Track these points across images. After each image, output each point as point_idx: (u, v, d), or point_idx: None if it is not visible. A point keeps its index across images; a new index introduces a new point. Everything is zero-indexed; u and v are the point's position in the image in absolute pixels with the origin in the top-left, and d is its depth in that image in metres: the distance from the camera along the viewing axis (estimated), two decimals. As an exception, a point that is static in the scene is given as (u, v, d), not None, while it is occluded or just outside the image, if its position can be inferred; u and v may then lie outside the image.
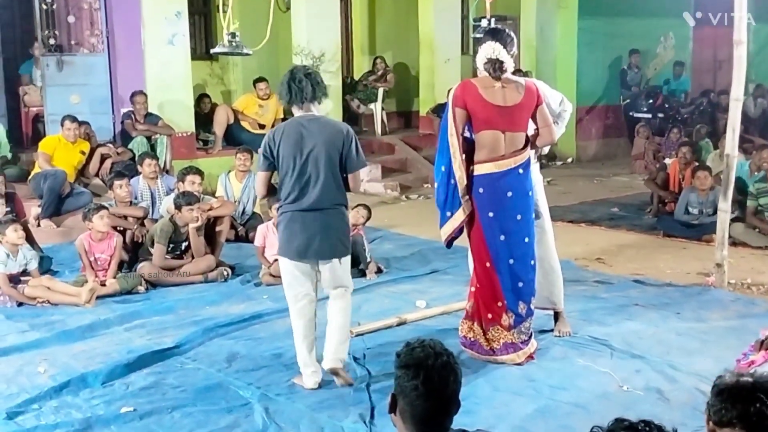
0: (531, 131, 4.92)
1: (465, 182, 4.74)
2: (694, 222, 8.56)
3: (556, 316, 5.46)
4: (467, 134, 4.81)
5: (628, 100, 14.66)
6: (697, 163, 9.51)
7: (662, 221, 9.02)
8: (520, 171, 4.77)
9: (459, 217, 4.82)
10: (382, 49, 14.20)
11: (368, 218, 7.43)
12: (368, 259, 7.15)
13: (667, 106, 14.23)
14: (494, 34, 4.81)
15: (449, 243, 4.99)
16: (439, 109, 13.12)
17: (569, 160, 14.05)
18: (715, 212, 8.38)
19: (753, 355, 3.93)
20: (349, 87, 13.15)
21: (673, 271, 7.15)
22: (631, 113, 14.43)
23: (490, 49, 4.73)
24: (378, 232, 8.77)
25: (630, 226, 9.18)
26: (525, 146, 4.82)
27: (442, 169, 4.82)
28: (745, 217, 8.23)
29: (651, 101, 14.21)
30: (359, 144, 4.64)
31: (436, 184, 4.96)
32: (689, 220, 8.62)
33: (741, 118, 14.11)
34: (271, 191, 4.84)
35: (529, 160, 4.85)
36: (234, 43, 6.43)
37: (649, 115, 13.97)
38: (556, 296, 5.36)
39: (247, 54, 6.66)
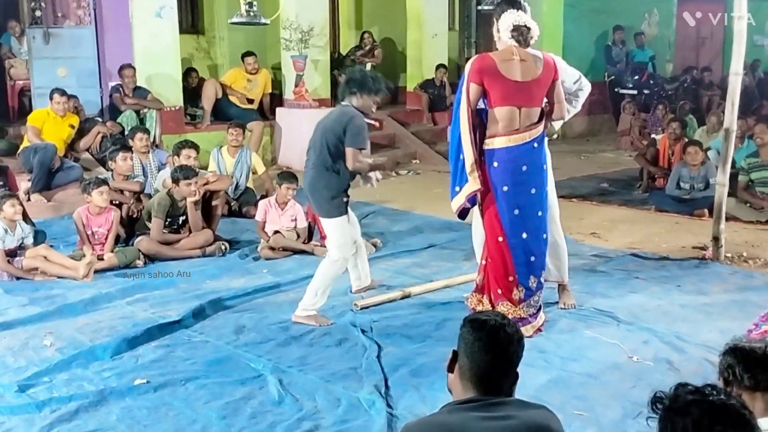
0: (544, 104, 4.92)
1: (473, 159, 4.71)
2: (686, 197, 8.65)
3: (561, 288, 5.49)
4: (481, 105, 4.79)
5: (613, 77, 14.72)
6: (686, 139, 9.60)
7: (653, 196, 9.10)
8: (535, 145, 4.76)
9: (465, 191, 4.80)
10: (369, 24, 14.15)
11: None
12: None
13: (651, 82, 14.31)
14: (512, 3, 4.77)
15: (462, 215, 4.99)
16: (427, 85, 13.12)
17: (555, 136, 13.88)
18: (706, 187, 8.51)
19: (766, 325, 3.98)
20: (337, 62, 13.08)
21: (668, 245, 7.22)
22: (616, 89, 14.50)
23: (514, 17, 4.69)
24: (371, 207, 8.76)
25: (621, 201, 9.26)
26: (540, 120, 4.81)
27: (455, 143, 4.79)
28: (736, 191, 8.31)
29: (636, 77, 14.28)
30: (355, 128, 5.13)
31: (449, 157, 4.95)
32: (681, 195, 8.70)
33: (723, 95, 14.28)
34: None
35: (543, 134, 4.85)
36: (252, 13, 6.39)
37: (635, 92, 14.04)
38: (561, 269, 5.39)
39: (264, 24, 6.62)
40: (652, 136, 11.23)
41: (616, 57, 14.83)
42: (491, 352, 2.40)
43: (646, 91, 14.11)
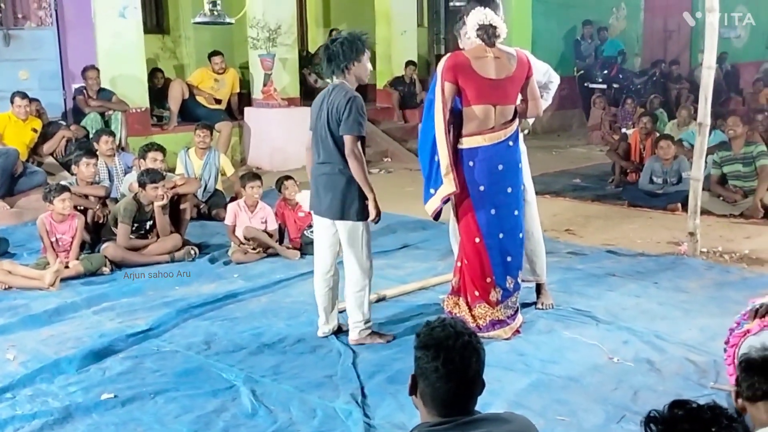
0: (518, 101, 4.82)
1: (448, 160, 4.57)
2: (659, 192, 8.62)
3: (538, 288, 5.40)
4: (454, 104, 4.67)
5: (582, 71, 14.70)
6: (657, 134, 9.58)
7: (626, 191, 9.07)
8: (510, 143, 4.66)
9: (441, 194, 4.67)
10: (336, 22, 14.02)
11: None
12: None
13: (621, 76, 14.31)
14: (480, 0, 4.67)
15: (437, 216, 4.87)
16: (396, 82, 13.00)
17: (525, 131, 13.93)
18: (678, 181, 8.49)
19: (747, 324, 3.88)
20: (305, 60, 12.93)
21: (643, 241, 7.16)
22: (585, 84, 14.48)
23: (481, 15, 4.57)
24: (343, 207, 8.61)
25: (594, 196, 9.22)
26: (514, 118, 4.71)
27: (429, 144, 4.65)
28: (709, 185, 8.28)
29: (606, 72, 14.27)
30: (355, 110, 4.56)
31: (419, 158, 4.82)
32: (653, 190, 8.67)
33: (691, 88, 14.27)
34: None
35: (517, 131, 4.76)
36: (216, 12, 6.23)
37: (605, 86, 14.03)
38: (539, 268, 5.30)
39: (229, 23, 6.47)
40: (623, 130, 11.22)
41: (585, 51, 14.82)
42: (451, 381, 2.28)
43: (615, 86, 14.11)
